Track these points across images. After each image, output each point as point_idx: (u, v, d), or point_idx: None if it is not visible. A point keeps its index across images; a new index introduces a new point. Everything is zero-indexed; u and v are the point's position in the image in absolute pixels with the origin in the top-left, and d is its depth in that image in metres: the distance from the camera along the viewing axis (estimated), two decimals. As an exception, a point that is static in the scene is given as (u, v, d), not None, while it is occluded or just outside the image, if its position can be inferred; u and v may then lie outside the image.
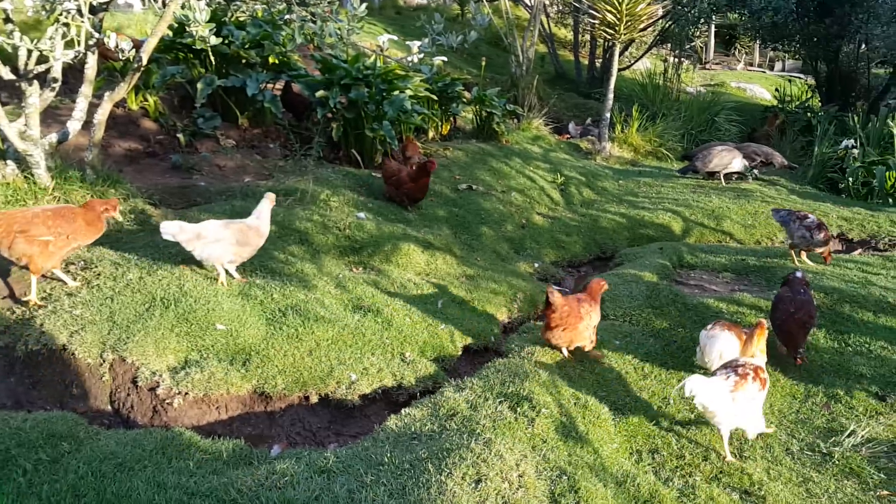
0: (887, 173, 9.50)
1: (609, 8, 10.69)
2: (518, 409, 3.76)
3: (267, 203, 4.91)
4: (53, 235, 4.00)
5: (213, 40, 7.06)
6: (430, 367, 4.49)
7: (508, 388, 3.95)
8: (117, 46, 5.77)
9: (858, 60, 15.09)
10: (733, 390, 3.70)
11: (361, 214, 6.39)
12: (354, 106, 7.36)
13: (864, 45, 14.39)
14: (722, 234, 8.12)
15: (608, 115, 11.70)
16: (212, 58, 7.36)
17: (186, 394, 3.77)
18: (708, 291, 5.97)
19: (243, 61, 7.58)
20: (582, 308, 4.50)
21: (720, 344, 4.32)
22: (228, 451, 3.32)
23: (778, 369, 4.69)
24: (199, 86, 7.16)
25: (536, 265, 6.84)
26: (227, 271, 4.73)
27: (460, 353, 4.93)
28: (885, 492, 3.70)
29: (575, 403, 4.05)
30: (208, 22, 7.12)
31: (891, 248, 7.51)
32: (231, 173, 7.09)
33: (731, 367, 3.88)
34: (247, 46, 7.48)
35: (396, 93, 7.52)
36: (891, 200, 9.39)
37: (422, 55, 10.01)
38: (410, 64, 9.64)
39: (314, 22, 6.26)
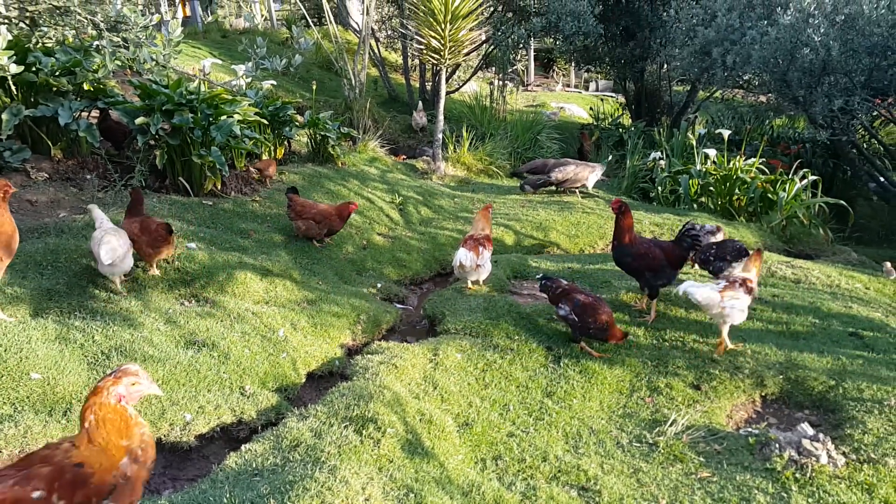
0: (690, 181, 10.49)
1: (433, 34, 11.03)
2: (364, 431, 3.76)
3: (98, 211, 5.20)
4: None
5: (14, 68, 6.50)
6: (272, 399, 4.37)
7: (353, 411, 3.94)
8: None
9: (661, 79, 16.63)
10: (721, 292, 4.93)
11: (192, 245, 6.12)
12: (179, 132, 7.04)
13: (664, 66, 15.87)
14: (549, 245, 8.63)
15: (440, 135, 12.06)
16: (14, 87, 6.76)
17: (0, 452, 3.42)
18: (539, 299, 6.29)
19: (54, 89, 7.02)
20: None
21: None
22: (49, 511, 3.04)
23: (605, 367, 5.06)
24: (3, 116, 6.54)
25: (379, 285, 6.88)
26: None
27: (304, 380, 4.86)
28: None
29: (420, 420, 4.11)
30: (7, 49, 6.55)
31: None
32: (44, 208, 6.52)
33: (725, 278, 5.21)
34: (57, 74, 6.93)
35: (224, 117, 7.27)
36: (695, 206, 10.38)
37: (249, 79, 9.81)
38: (237, 88, 9.41)
39: (127, 48, 5.93)
